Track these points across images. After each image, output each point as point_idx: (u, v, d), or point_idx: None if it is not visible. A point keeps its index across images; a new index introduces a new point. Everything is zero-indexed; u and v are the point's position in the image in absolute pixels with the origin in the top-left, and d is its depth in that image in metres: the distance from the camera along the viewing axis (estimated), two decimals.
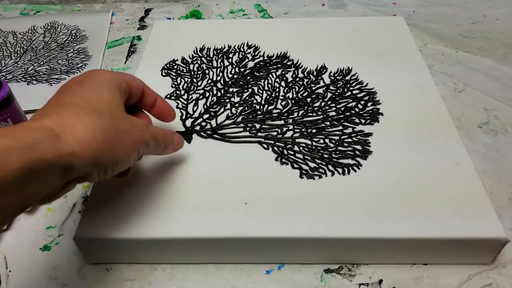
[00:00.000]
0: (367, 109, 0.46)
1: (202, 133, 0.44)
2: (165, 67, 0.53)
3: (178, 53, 0.55)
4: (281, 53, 0.55)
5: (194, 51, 0.56)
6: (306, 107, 0.47)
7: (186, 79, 0.51)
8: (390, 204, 0.37)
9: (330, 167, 0.40)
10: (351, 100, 0.47)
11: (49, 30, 0.69)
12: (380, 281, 0.37)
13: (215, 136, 0.44)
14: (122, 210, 0.37)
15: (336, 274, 0.37)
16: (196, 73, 0.52)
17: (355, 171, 0.40)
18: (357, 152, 0.42)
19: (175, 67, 0.53)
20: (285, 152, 0.42)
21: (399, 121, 0.45)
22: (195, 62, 0.54)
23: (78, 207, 0.43)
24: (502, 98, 0.54)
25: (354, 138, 0.43)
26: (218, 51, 0.56)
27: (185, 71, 0.53)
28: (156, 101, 0.38)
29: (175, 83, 0.51)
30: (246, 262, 0.38)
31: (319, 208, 0.37)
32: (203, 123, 0.45)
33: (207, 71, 0.52)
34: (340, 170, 0.40)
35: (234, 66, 0.53)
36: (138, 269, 0.38)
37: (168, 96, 0.49)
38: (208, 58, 0.55)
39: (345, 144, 0.43)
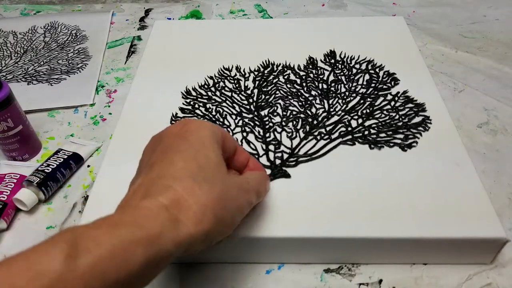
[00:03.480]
0: (389, 83, 0.50)
1: (288, 163, 0.41)
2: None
3: (178, 54, 0.55)
4: (264, 62, 0.53)
5: (183, 96, 0.49)
6: (340, 95, 0.48)
7: (217, 123, 0.46)
8: (390, 204, 0.37)
9: (412, 130, 0.43)
10: (362, 74, 0.51)
11: (49, 30, 0.69)
12: (380, 281, 0.37)
13: (302, 159, 0.41)
14: None
15: (336, 274, 0.37)
16: (215, 115, 0.47)
17: (429, 126, 0.44)
18: (414, 109, 0.45)
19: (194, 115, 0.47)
20: (370, 138, 0.43)
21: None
22: (201, 105, 0.48)
23: (78, 207, 0.43)
24: (502, 98, 0.54)
25: (399, 101, 0.47)
26: (207, 88, 0.50)
27: (204, 115, 0.47)
28: (248, 161, 0.35)
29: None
30: (246, 262, 0.38)
31: (319, 208, 0.37)
32: (278, 154, 0.42)
33: (219, 109, 0.48)
34: (422, 130, 0.43)
35: (237, 93, 0.49)
36: None
37: None
38: (206, 96, 0.49)
39: (400, 108, 0.46)
